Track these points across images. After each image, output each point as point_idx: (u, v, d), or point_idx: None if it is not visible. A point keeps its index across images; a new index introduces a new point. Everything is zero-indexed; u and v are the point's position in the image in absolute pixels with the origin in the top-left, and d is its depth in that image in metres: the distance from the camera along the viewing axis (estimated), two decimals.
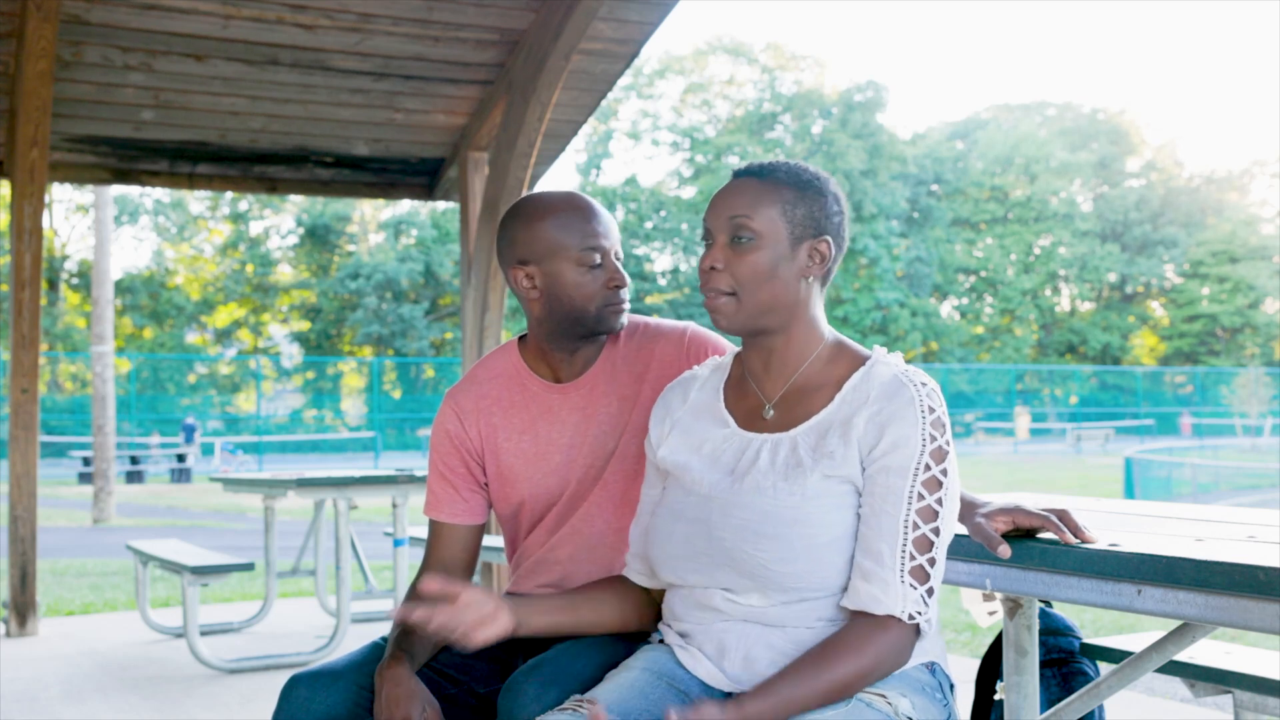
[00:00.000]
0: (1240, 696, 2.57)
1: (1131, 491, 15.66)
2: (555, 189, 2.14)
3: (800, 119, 47.15)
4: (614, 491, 2.08)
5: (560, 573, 2.13)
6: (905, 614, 1.62)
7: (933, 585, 1.64)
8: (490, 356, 2.21)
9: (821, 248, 1.74)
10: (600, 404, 2.09)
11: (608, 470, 2.08)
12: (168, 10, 5.96)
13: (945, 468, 1.65)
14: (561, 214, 2.05)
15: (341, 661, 1.96)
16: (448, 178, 7.75)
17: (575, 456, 2.09)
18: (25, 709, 4.47)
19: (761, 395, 1.79)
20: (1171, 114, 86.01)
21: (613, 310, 2.06)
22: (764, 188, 1.74)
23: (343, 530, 5.30)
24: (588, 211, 2.06)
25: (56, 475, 23.82)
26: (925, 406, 1.65)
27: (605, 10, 5.95)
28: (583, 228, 2.05)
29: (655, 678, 1.73)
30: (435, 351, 40.94)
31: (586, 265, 2.03)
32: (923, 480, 1.64)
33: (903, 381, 1.67)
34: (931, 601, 1.64)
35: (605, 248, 2.05)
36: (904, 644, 1.63)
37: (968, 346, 47.83)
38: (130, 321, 37.94)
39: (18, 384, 6.18)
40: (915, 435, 1.64)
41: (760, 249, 1.72)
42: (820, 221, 1.74)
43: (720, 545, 1.69)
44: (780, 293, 1.73)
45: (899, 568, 1.62)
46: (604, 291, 2.04)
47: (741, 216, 1.73)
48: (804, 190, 1.74)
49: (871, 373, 1.71)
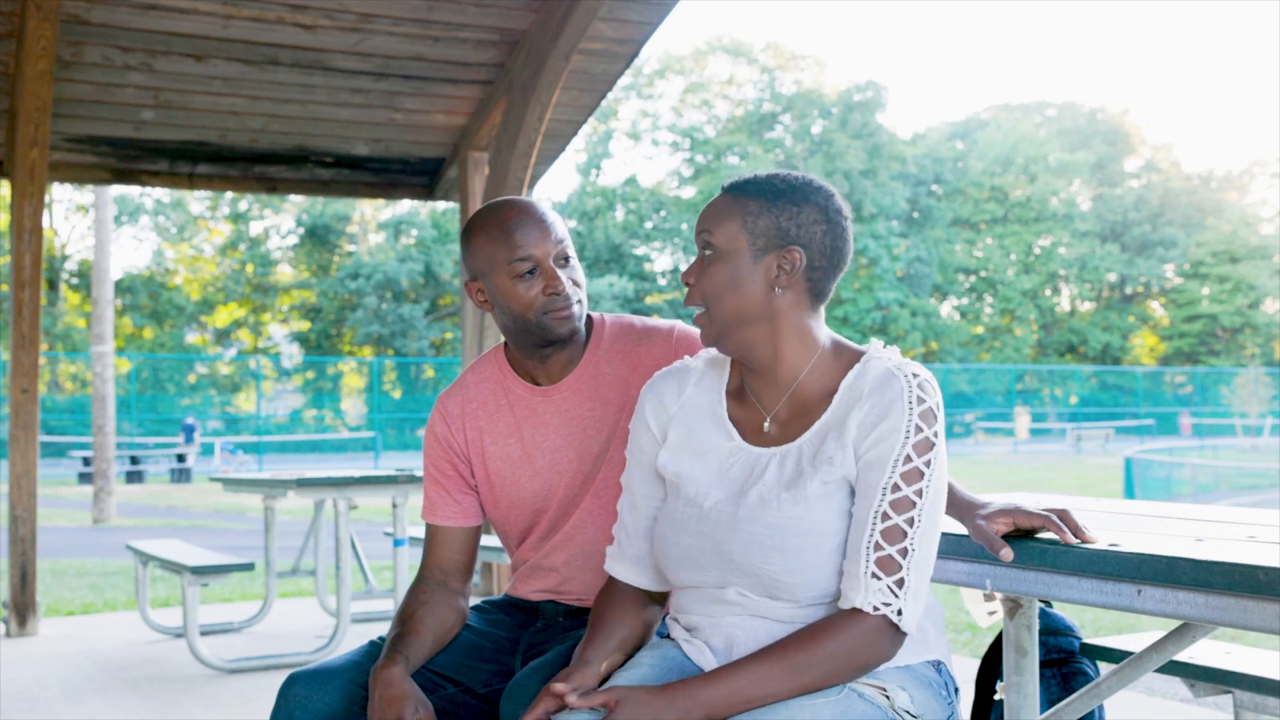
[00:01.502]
0: (1240, 696, 2.57)
1: (1131, 491, 15.66)
2: (501, 199, 2.13)
3: (800, 119, 47.15)
4: (605, 499, 2.07)
5: (557, 579, 2.13)
6: (869, 605, 1.60)
7: (905, 576, 1.60)
8: (479, 361, 2.22)
9: (791, 257, 1.69)
10: (584, 407, 2.09)
11: (598, 477, 2.07)
12: (168, 10, 5.96)
13: (929, 459, 1.63)
14: (491, 227, 2.05)
15: (339, 660, 1.96)
16: (448, 178, 7.75)
17: (561, 460, 2.09)
18: (25, 709, 4.47)
19: (761, 408, 1.77)
20: (1171, 114, 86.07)
21: (553, 317, 2.03)
22: (730, 203, 1.73)
23: (343, 530, 5.30)
24: (516, 221, 2.04)
25: (56, 475, 23.82)
26: (915, 397, 1.64)
27: (605, 10, 5.96)
28: (508, 239, 2.03)
29: (666, 672, 1.72)
30: (435, 351, 40.95)
31: (518, 275, 2.03)
32: (902, 471, 1.62)
33: (894, 374, 1.66)
34: (905, 593, 1.60)
35: (535, 256, 2.03)
36: (874, 637, 1.61)
37: (968, 346, 47.83)
38: (130, 321, 37.94)
39: (18, 384, 6.18)
40: (900, 426, 1.63)
41: (720, 262, 1.71)
42: (789, 232, 1.70)
43: (729, 559, 1.68)
44: (746, 305, 1.71)
45: (864, 560, 1.61)
46: (541, 299, 2.03)
47: (706, 232, 1.74)
48: (773, 201, 1.71)
49: (865, 369, 1.70)
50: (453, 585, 2.11)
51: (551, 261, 2.03)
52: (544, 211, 2.07)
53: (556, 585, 2.13)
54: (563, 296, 2.03)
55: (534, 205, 2.08)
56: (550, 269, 2.03)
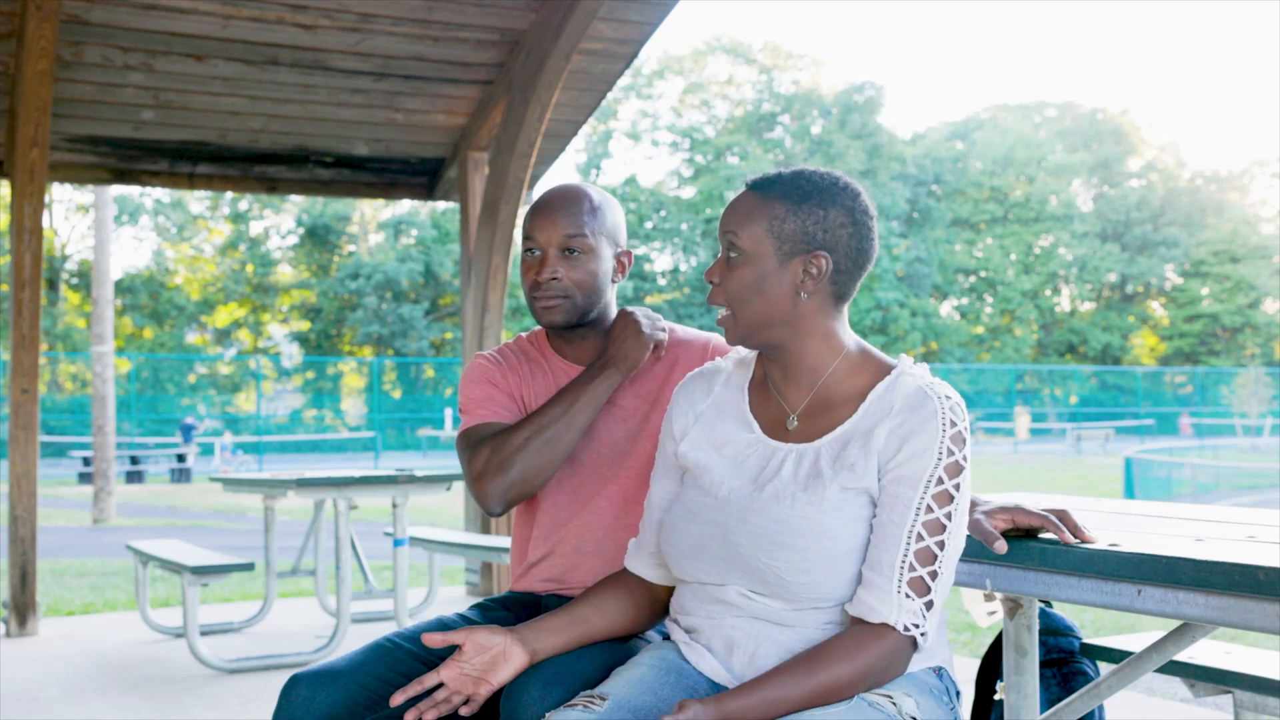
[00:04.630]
0: (1240, 696, 2.57)
1: (1131, 491, 15.66)
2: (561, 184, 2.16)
3: (799, 119, 47.14)
4: (625, 490, 2.09)
5: (564, 565, 2.13)
6: (900, 624, 1.61)
7: (933, 599, 1.62)
8: (520, 337, 2.26)
9: (817, 262, 1.69)
10: (618, 393, 2.11)
11: (623, 467, 2.09)
12: (168, 10, 5.96)
13: (959, 483, 1.64)
14: (531, 206, 2.11)
15: (342, 661, 1.96)
16: (448, 178, 7.75)
17: (589, 439, 2.11)
18: (25, 709, 4.47)
19: (785, 404, 1.77)
20: (1172, 114, 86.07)
21: (539, 304, 2.06)
22: (757, 203, 1.72)
23: (343, 530, 5.30)
24: (540, 204, 2.08)
25: (56, 475, 23.82)
26: (947, 420, 1.64)
27: (605, 10, 5.96)
28: (527, 221, 2.09)
29: (664, 673, 1.73)
30: (435, 351, 40.94)
31: (525, 255, 2.08)
32: (934, 493, 1.62)
33: (927, 394, 1.66)
34: (931, 615, 1.63)
35: (538, 240, 2.05)
36: (897, 654, 1.62)
37: (968, 346, 47.82)
38: (130, 321, 37.93)
39: (18, 384, 6.18)
40: (933, 448, 1.63)
41: (745, 265, 1.71)
42: (816, 236, 1.69)
43: (735, 550, 1.69)
44: (771, 309, 1.71)
45: (897, 578, 1.61)
46: (532, 283, 2.07)
47: (731, 233, 1.73)
48: (800, 204, 1.70)
49: (897, 384, 1.69)
50: None
51: (553, 250, 2.05)
52: (573, 200, 2.08)
53: (562, 573, 2.13)
54: (544, 286, 2.04)
55: (568, 193, 2.09)
56: (547, 256, 2.05)
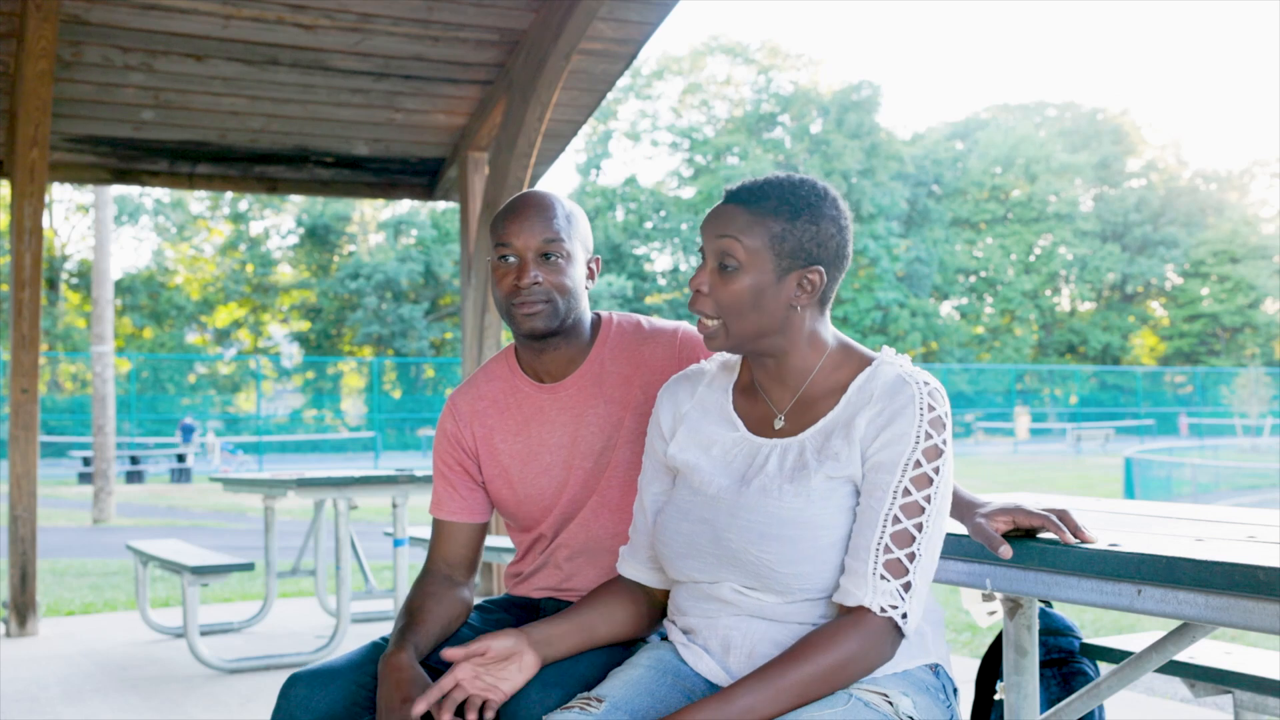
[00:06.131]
0: (1240, 696, 2.57)
1: (1131, 491, 15.66)
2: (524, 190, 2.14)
3: (798, 119, 47.13)
4: (611, 497, 2.08)
5: (561, 577, 2.14)
6: (877, 606, 1.61)
7: (911, 580, 1.62)
8: (492, 360, 2.24)
9: (812, 277, 1.71)
10: (589, 405, 2.09)
11: (604, 476, 2.08)
12: (168, 10, 5.96)
13: (938, 466, 1.65)
14: (497, 213, 2.09)
15: (340, 661, 1.96)
16: (448, 178, 7.75)
17: (568, 458, 2.09)
18: (25, 709, 4.47)
19: (771, 405, 1.79)
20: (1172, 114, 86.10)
21: (519, 311, 2.02)
22: (752, 217, 1.71)
23: (343, 530, 5.30)
24: (510, 210, 2.05)
25: (56, 475, 23.82)
26: (925, 404, 1.65)
27: (605, 10, 5.96)
28: (497, 227, 2.05)
29: (661, 675, 1.74)
30: (435, 351, 40.94)
31: (497, 263, 2.04)
32: (911, 476, 1.63)
33: (905, 380, 1.68)
34: (910, 597, 1.62)
35: (514, 246, 2.01)
36: (879, 638, 1.62)
37: (968, 346, 47.82)
38: (130, 321, 37.93)
39: (18, 384, 6.18)
40: (910, 432, 1.64)
41: (744, 278, 1.70)
42: (812, 251, 1.70)
43: (726, 546, 1.69)
44: (766, 321, 1.72)
45: (873, 560, 1.62)
46: (510, 290, 2.02)
47: (728, 244, 1.71)
48: (794, 219, 1.70)
49: (876, 373, 1.71)
50: (458, 579, 2.11)
51: (531, 255, 2.01)
52: (545, 206, 2.04)
53: (560, 583, 2.14)
54: (525, 291, 2.00)
55: (539, 199, 2.06)
56: (525, 262, 2.01)
